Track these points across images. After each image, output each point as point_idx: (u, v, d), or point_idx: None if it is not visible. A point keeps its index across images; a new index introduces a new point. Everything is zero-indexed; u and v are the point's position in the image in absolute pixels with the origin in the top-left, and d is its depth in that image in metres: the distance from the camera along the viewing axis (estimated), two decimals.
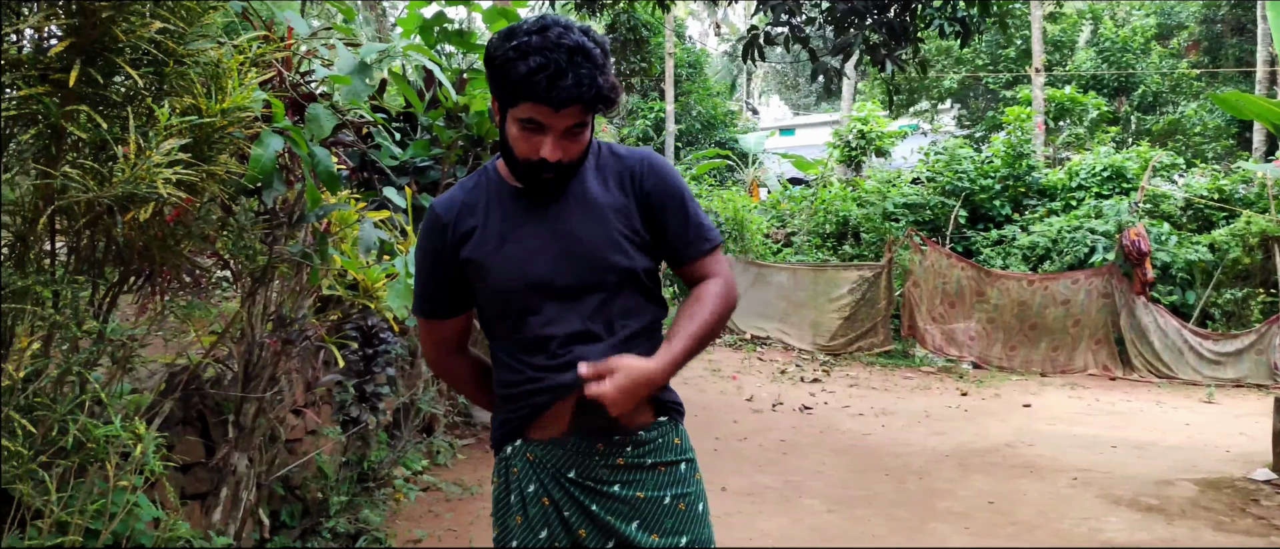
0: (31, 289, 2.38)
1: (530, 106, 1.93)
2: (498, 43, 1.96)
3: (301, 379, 4.10)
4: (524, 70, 1.90)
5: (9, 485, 2.42)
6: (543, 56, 1.89)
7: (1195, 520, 5.55)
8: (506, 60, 1.92)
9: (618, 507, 2.07)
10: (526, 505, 2.10)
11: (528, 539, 2.08)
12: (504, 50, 1.93)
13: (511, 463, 2.14)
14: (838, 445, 7.53)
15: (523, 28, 1.94)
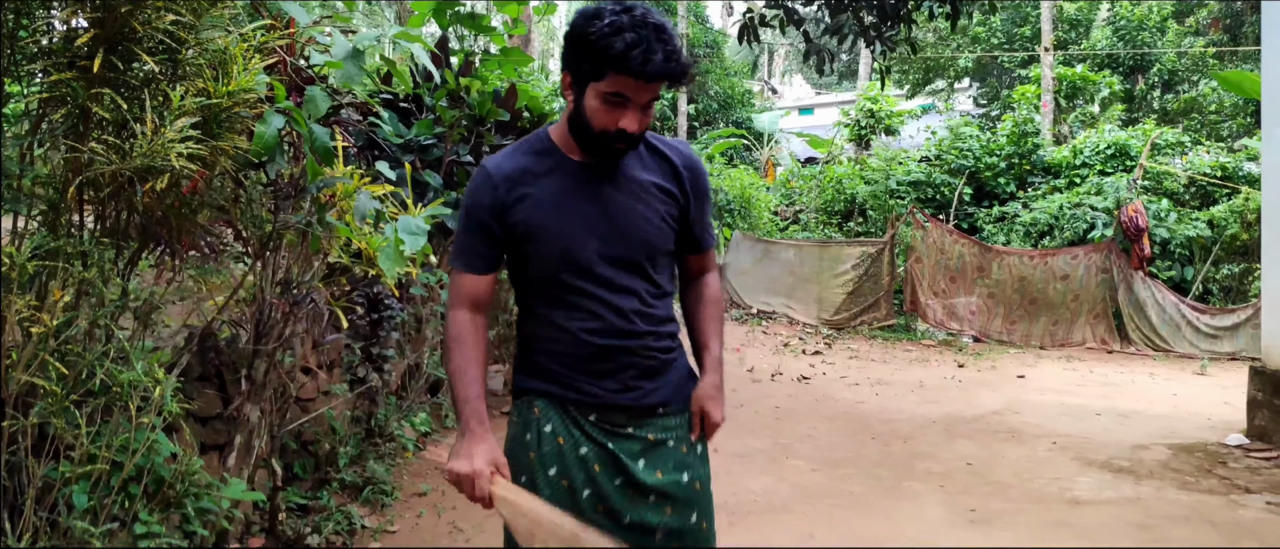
0: (62, 249, 2.72)
1: (619, 80, 2.08)
2: (586, 20, 2.10)
3: (310, 339, 4.44)
4: (620, 47, 2.04)
5: (45, 420, 2.77)
6: (635, 33, 2.05)
7: (1162, 481, 5.81)
8: (601, 35, 2.06)
9: (629, 446, 2.28)
10: (542, 443, 2.28)
11: (539, 475, 2.27)
12: (598, 27, 2.07)
13: (534, 403, 2.31)
14: (830, 413, 7.83)
15: (608, 8, 2.09)
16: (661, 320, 2.32)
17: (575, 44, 2.12)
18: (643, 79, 2.07)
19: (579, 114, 2.17)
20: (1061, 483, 5.77)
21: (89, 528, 2.81)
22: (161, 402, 2.99)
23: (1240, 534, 4.83)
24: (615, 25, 2.05)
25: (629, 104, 2.12)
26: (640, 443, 2.30)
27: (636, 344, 2.27)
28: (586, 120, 2.16)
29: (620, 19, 2.06)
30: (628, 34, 2.05)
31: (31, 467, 2.79)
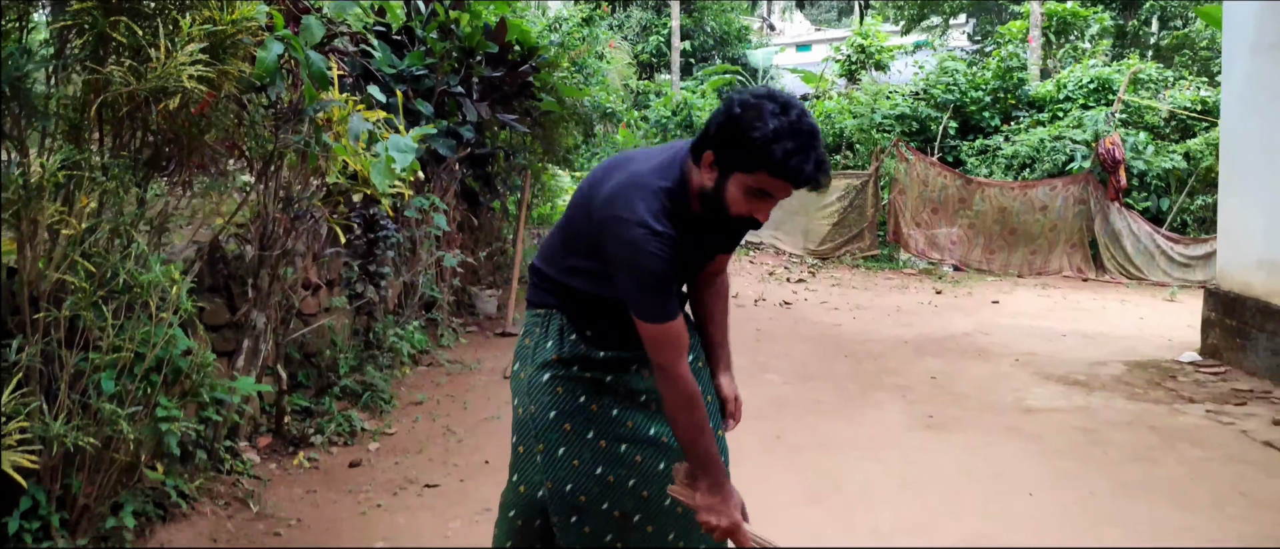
0: (87, 161, 3.04)
1: (771, 181, 2.14)
2: (748, 118, 2.12)
3: (310, 253, 4.78)
4: (779, 155, 2.09)
5: (75, 314, 3.12)
6: (794, 142, 2.10)
7: (1113, 392, 6.19)
8: (764, 140, 2.10)
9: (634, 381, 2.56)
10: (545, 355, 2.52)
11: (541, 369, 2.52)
12: (761, 132, 2.10)
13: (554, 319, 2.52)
14: (808, 335, 8.20)
15: (769, 107, 2.13)
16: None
17: (732, 137, 2.16)
18: (796, 185, 2.16)
19: (718, 194, 2.23)
20: (1017, 394, 6.15)
21: (116, 410, 3.17)
22: (178, 300, 3.34)
23: (1176, 438, 5.21)
24: (778, 132, 2.09)
25: (771, 200, 2.22)
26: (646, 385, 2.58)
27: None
28: (724, 203, 2.23)
29: (782, 124, 2.10)
30: (788, 142, 2.10)
31: (64, 356, 3.14)
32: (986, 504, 4.21)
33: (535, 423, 2.50)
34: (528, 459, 2.52)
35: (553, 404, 2.49)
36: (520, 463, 2.55)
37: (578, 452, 2.49)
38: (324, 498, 4.27)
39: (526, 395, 2.53)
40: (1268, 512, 4.13)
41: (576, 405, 2.50)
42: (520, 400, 2.56)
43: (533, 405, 2.51)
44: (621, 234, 2.22)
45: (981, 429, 5.37)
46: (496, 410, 5.67)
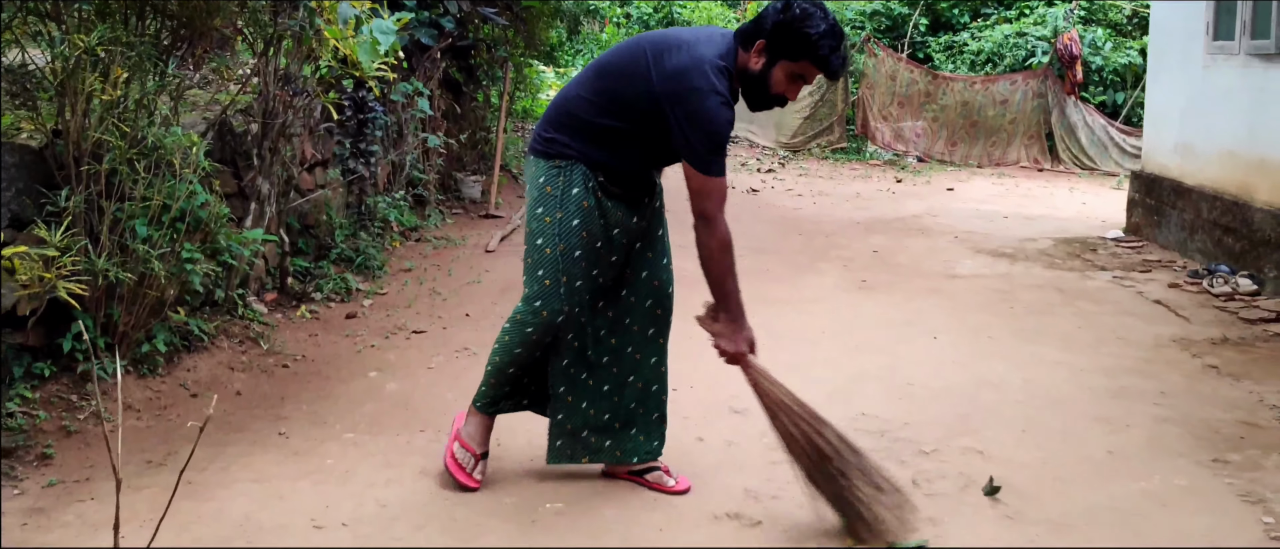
0: (119, 37, 3.61)
1: (811, 69, 2.77)
2: (804, 19, 2.70)
3: (307, 130, 5.36)
4: (826, 50, 2.71)
5: (112, 169, 3.72)
6: (835, 41, 2.72)
7: (1034, 263, 6.85)
8: (817, 36, 2.69)
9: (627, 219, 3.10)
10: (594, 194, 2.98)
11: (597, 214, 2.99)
12: (814, 28, 2.69)
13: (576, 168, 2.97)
14: (769, 217, 8.83)
15: (816, 12, 2.71)
16: None
17: (786, 32, 2.72)
18: (828, 74, 2.82)
19: (763, 76, 2.79)
20: (948, 264, 6.81)
21: (149, 251, 3.79)
22: (197, 160, 3.94)
23: (1078, 297, 5.88)
24: (824, 32, 2.70)
25: (803, 83, 2.84)
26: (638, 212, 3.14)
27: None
28: (767, 83, 2.80)
29: (826, 26, 2.71)
30: (830, 41, 2.72)
31: (104, 205, 3.75)
32: (894, 345, 4.89)
33: (564, 259, 2.98)
34: (553, 290, 3.00)
35: (579, 244, 2.99)
36: (545, 292, 3.00)
37: (591, 286, 3.05)
38: (324, 340, 4.93)
39: (557, 235, 2.97)
40: (1136, 350, 4.81)
41: (593, 247, 3.02)
42: (546, 239, 2.99)
43: (562, 243, 2.98)
44: (701, 102, 2.70)
45: (907, 291, 6.03)
46: (477, 276, 6.32)
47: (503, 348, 3.13)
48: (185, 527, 2.91)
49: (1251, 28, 6.18)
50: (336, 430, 3.79)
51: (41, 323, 3.76)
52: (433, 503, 3.15)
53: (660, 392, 3.25)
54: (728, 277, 2.91)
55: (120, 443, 3.59)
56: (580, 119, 2.98)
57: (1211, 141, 6.72)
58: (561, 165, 3.00)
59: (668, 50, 2.81)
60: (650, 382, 3.22)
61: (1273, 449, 3.55)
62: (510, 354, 3.11)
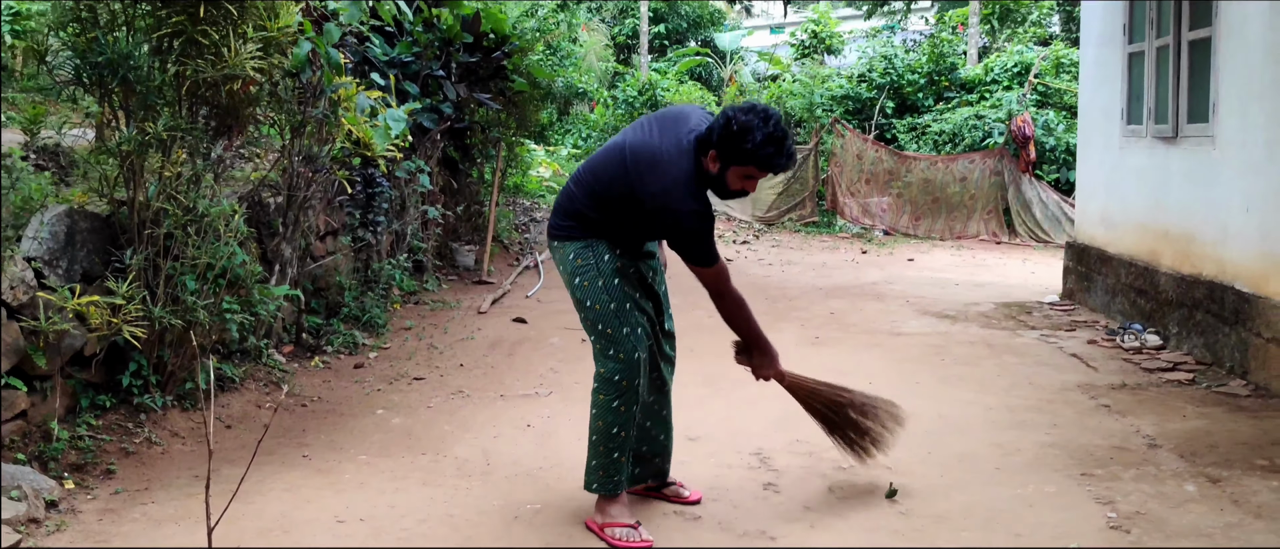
0: (181, 126, 4.39)
1: (758, 171, 3.28)
2: (743, 132, 3.17)
3: (325, 202, 6.13)
4: (766, 156, 3.20)
5: (169, 232, 4.47)
6: (775, 148, 3.20)
7: (971, 322, 7.59)
8: (756, 147, 3.17)
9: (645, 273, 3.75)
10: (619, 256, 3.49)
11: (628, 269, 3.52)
12: (753, 142, 3.17)
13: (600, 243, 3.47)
14: (740, 283, 9.47)
15: (757, 124, 3.18)
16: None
17: (729, 145, 3.22)
18: (774, 172, 3.35)
19: (721, 178, 3.33)
20: (894, 324, 7.55)
21: (196, 302, 4.53)
22: (236, 227, 4.70)
23: (1004, 351, 6.61)
24: (764, 140, 3.18)
25: (757, 178, 3.37)
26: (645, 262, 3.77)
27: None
28: (725, 183, 3.34)
29: (765, 134, 3.19)
30: (769, 147, 3.20)
31: (160, 263, 4.50)
32: None
33: (618, 310, 3.45)
34: (615, 338, 3.45)
35: (626, 296, 3.47)
36: (616, 340, 3.44)
37: (648, 328, 3.63)
38: (336, 385, 5.64)
39: (604, 290, 3.45)
40: (1042, 392, 5.52)
41: (635, 296, 3.52)
42: (594, 298, 3.45)
43: (611, 300, 3.45)
44: (685, 221, 3.30)
45: (853, 345, 6.77)
46: (470, 333, 7.04)
47: (600, 413, 3.53)
48: (234, 521, 3.58)
49: (1155, 114, 7.02)
50: (351, 454, 4.49)
51: (103, 363, 4.49)
52: (433, 506, 3.85)
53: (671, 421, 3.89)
54: (748, 325, 3.66)
55: (173, 463, 4.30)
56: (586, 216, 3.48)
57: (1127, 214, 7.53)
58: (586, 243, 3.49)
59: (646, 168, 3.31)
60: (670, 414, 3.87)
61: (1133, 466, 4.26)
62: (609, 413, 3.51)
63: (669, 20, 26.70)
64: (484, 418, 5.07)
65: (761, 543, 3.49)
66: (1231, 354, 5.80)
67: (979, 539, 3.50)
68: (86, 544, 3.50)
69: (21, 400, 4.05)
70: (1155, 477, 4.12)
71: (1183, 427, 4.85)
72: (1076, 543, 3.45)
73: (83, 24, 4.30)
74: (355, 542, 3.52)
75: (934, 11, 28.52)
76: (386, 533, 3.59)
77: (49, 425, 4.15)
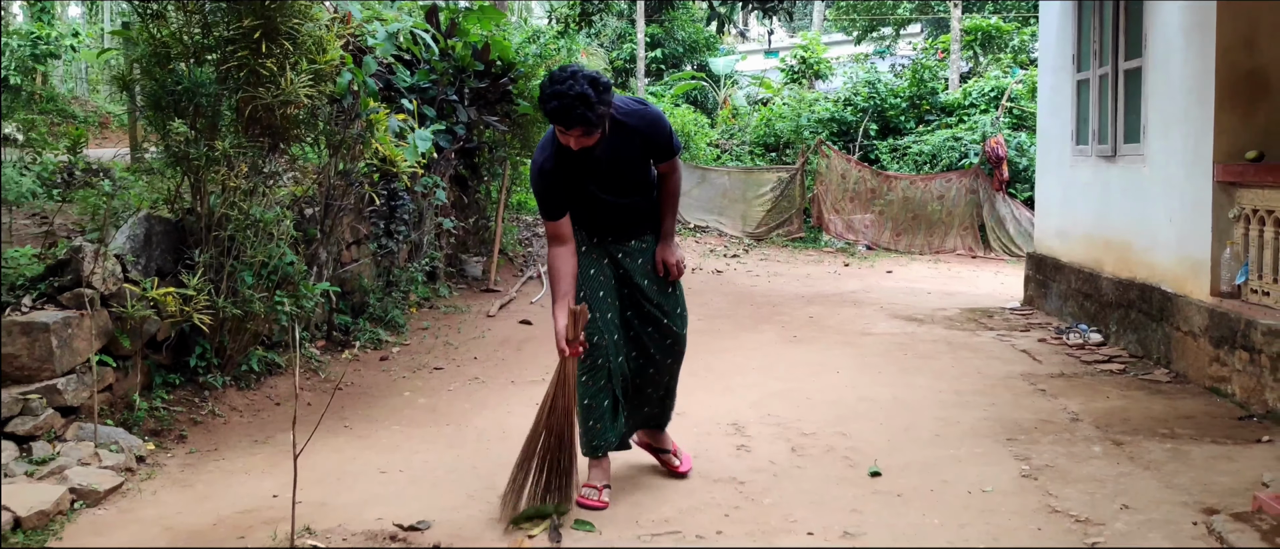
0: (243, 144, 5.16)
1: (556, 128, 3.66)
2: (540, 86, 3.62)
3: (355, 212, 6.89)
4: (549, 105, 3.53)
5: (231, 235, 5.23)
6: (552, 97, 3.53)
7: (936, 325, 8.35)
8: (543, 98, 3.56)
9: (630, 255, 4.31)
10: (585, 253, 4.02)
11: (587, 266, 4.02)
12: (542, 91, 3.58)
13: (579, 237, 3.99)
14: (728, 291, 10.36)
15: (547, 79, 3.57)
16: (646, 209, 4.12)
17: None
18: (561, 126, 3.61)
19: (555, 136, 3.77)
20: (866, 326, 8.31)
21: (252, 295, 5.28)
22: (287, 231, 5.47)
23: (961, 348, 7.36)
24: (548, 94, 3.55)
25: (569, 136, 3.65)
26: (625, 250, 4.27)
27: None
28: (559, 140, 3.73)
29: (551, 87, 3.55)
30: (551, 100, 3.54)
31: (223, 260, 5.26)
32: (805, 377, 6.36)
33: (586, 299, 4.00)
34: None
35: (590, 285, 4.01)
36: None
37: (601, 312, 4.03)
38: (365, 374, 6.39)
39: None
40: (987, 380, 6.27)
41: (596, 283, 4.03)
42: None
43: (581, 290, 3.98)
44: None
45: (826, 343, 7.53)
46: (481, 333, 7.80)
47: (578, 387, 3.96)
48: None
49: (1098, 135, 7.81)
50: (385, 425, 5.25)
51: (173, 347, 5.25)
52: (459, 460, 4.60)
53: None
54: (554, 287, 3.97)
55: (233, 432, 5.05)
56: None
57: (1077, 226, 8.30)
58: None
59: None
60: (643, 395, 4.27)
61: (1053, 434, 5.01)
62: (580, 386, 3.96)
63: (665, 45, 27.53)
64: (497, 399, 5.82)
65: (732, 486, 4.23)
66: (1157, 347, 6.57)
67: (913, 484, 4.24)
68: (174, 489, 4.24)
69: (109, 375, 4.80)
70: (1069, 441, 4.87)
71: (1104, 405, 5.60)
72: (991, 487, 4.19)
73: (159, 58, 5.09)
74: (397, 487, 4.26)
75: (923, 37, 29.52)
76: (422, 480, 4.34)
77: (131, 397, 4.91)
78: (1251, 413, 5.31)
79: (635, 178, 4.00)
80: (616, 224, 4.05)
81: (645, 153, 3.98)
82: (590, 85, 3.58)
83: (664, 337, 4.17)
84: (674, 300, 4.21)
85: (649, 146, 3.96)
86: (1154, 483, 4.24)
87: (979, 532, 3.69)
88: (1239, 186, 5.84)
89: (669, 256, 4.11)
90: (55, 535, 3.65)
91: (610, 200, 3.98)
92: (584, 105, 3.55)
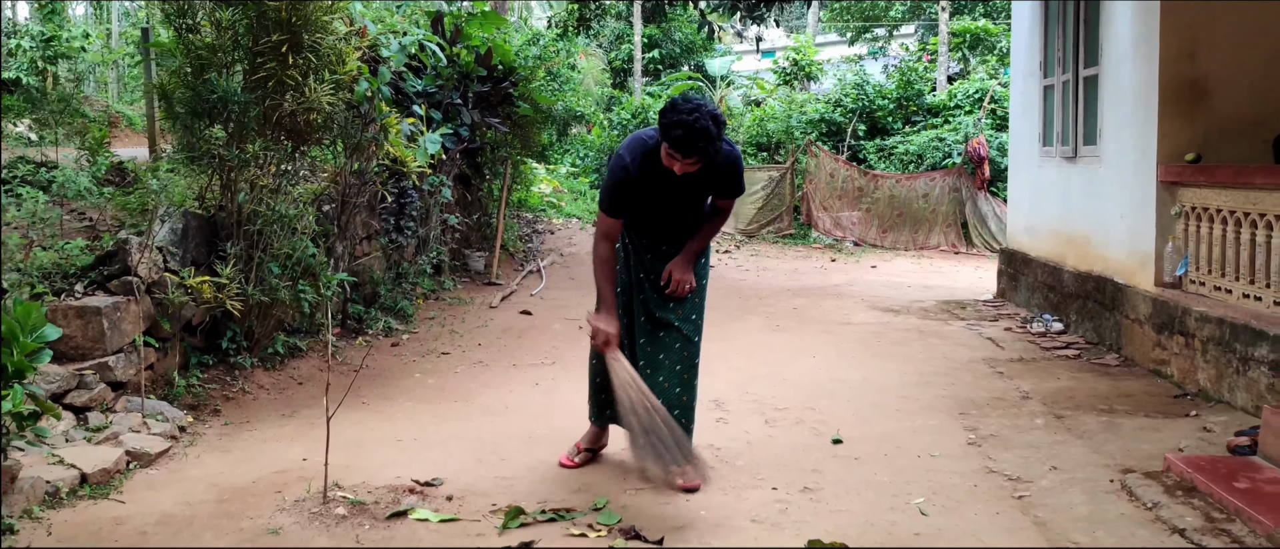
0: (267, 144, 5.69)
1: (668, 145, 3.79)
2: (666, 108, 3.77)
3: (368, 209, 7.43)
4: (675, 134, 3.71)
5: (259, 229, 5.76)
6: (681, 128, 3.70)
7: (910, 315, 8.89)
8: (667, 123, 3.74)
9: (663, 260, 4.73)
10: (629, 246, 4.35)
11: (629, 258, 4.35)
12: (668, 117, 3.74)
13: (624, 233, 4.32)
14: (718, 285, 10.85)
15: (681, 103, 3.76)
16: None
17: (660, 120, 3.81)
18: (678, 153, 3.78)
19: (656, 153, 3.95)
20: (845, 316, 8.85)
21: (278, 284, 5.82)
22: (308, 225, 6.01)
23: (931, 335, 7.90)
24: (675, 122, 3.73)
25: (676, 161, 3.85)
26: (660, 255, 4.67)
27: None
28: (660, 158, 3.91)
29: (679, 116, 3.73)
30: (678, 130, 3.73)
31: (252, 253, 5.80)
32: (784, 361, 6.90)
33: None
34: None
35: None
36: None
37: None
38: (378, 358, 6.93)
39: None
40: (951, 364, 6.80)
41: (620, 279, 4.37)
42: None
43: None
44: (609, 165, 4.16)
45: (806, 332, 8.07)
46: (485, 322, 8.34)
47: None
48: (320, 442, 4.86)
49: (1061, 137, 8.35)
50: (399, 402, 5.79)
51: (206, 332, 5.79)
52: (468, 431, 5.14)
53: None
54: (596, 280, 4.21)
55: (261, 407, 5.59)
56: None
57: (1044, 222, 8.85)
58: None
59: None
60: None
61: (1002, 409, 5.55)
62: (589, 361, 4.49)
63: (662, 46, 28.08)
64: (501, 379, 6.36)
65: (709, 452, 4.76)
66: (1110, 333, 7.11)
67: (870, 450, 4.78)
68: (215, 454, 4.78)
69: (151, 355, 5.34)
70: (1015, 415, 5.42)
71: (1054, 385, 6.14)
72: (939, 453, 4.73)
73: (195, 69, 5.63)
74: (412, 453, 4.80)
75: (916, 38, 30.06)
76: (434, 447, 4.88)
77: (171, 375, 5.45)
78: (1186, 391, 5.86)
79: (699, 203, 4.29)
80: (664, 235, 4.32)
81: (717, 187, 4.23)
82: (713, 122, 3.77)
83: (674, 338, 4.33)
84: (691, 307, 4.39)
85: (724, 184, 4.20)
86: (1084, 449, 4.78)
87: (921, 487, 4.23)
88: (1180, 186, 6.39)
89: (678, 269, 4.24)
90: (116, 490, 4.19)
91: (670, 216, 4.27)
92: (706, 140, 3.75)
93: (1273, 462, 4.22)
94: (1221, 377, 5.55)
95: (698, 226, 4.33)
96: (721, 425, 5.24)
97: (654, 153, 4.00)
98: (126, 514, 3.92)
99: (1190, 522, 3.74)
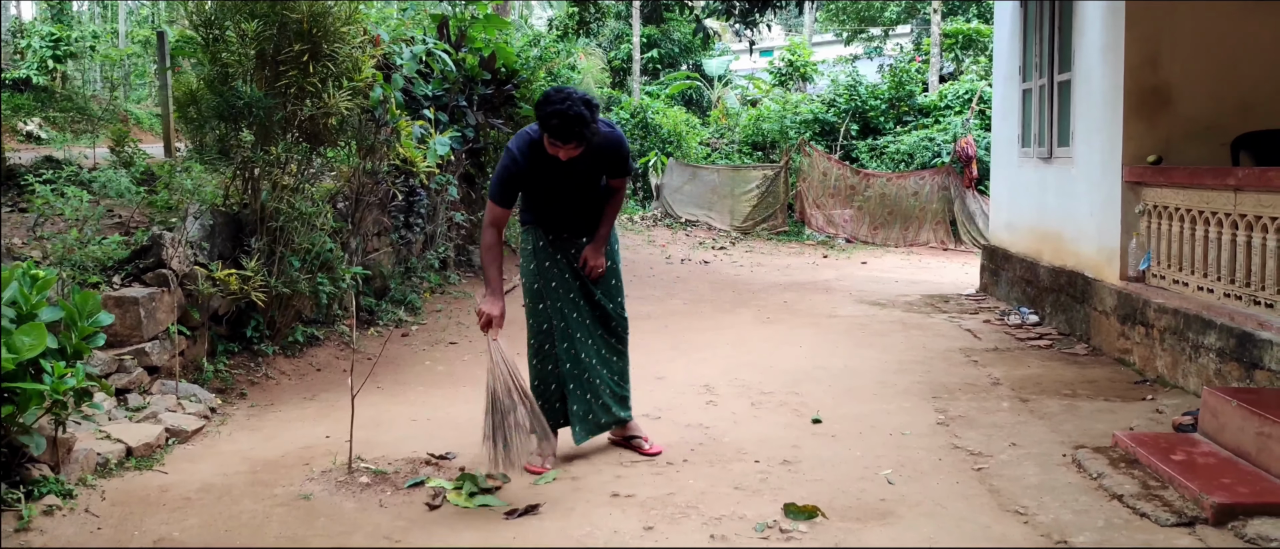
0: (289, 146, 6.11)
1: (548, 133, 4.10)
2: (541, 99, 4.09)
3: (379, 206, 7.85)
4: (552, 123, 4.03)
5: (281, 226, 6.18)
6: (556, 116, 4.02)
7: (895, 308, 9.31)
8: (543, 113, 4.05)
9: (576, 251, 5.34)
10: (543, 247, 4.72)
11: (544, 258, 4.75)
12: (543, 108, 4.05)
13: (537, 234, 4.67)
14: (712, 280, 11.32)
15: (554, 93, 4.06)
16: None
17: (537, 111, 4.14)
18: (557, 140, 4.10)
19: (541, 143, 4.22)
20: (833, 309, 9.28)
21: (299, 276, 6.24)
22: (326, 222, 6.43)
23: (912, 327, 8.32)
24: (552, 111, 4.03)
25: (559, 148, 4.16)
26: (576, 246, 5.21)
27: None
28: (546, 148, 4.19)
29: (555, 104, 4.04)
30: (554, 120, 4.05)
31: (274, 247, 6.22)
32: (771, 350, 7.32)
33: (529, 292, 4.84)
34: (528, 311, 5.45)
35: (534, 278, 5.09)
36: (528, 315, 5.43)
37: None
38: (390, 348, 7.35)
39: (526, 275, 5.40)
40: (929, 353, 7.22)
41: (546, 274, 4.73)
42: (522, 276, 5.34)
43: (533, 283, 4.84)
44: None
45: (794, 323, 8.49)
46: None
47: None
48: (341, 421, 5.28)
49: (1038, 138, 8.77)
50: (412, 386, 6.21)
51: (231, 321, 6.21)
52: (476, 413, 5.51)
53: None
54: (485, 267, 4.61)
55: (283, 392, 6.01)
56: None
57: (1022, 219, 9.27)
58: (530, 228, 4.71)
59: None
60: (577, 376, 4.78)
61: (972, 393, 5.97)
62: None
63: (661, 46, 28.50)
64: None
65: (699, 430, 5.19)
66: (1080, 325, 7.54)
67: (846, 429, 5.20)
68: (245, 432, 5.21)
69: (182, 342, 5.76)
70: (984, 399, 5.84)
71: (1024, 373, 6.57)
72: (909, 431, 5.16)
73: (222, 77, 6.05)
74: (426, 431, 5.22)
75: (911, 38, 30.47)
76: (445, 425, 5.30)
77: (200, 361, 5.87)
78: (1145, 378, 6.29)
79: (593, 186, 4.59)
80: (570, 223, 4.62)
81: (606, 168, 4.56)
82: (586, 107, 4.11)
83: (609, 318, 4.75)
84: (614, 290, 4.77)
85: (611, 164, 4.54)
86: (1043, 428, 5.20)
87: (890, 460, 4.66)
88: (1143, 186, 6.81)
89: (591, 255, 4.60)
90: (158, 462, 4.61)
91: (570, 202, 4.56)
92: (581, 124, 4.09)
93: (1209, 437, 4.65)
94: (1176, 363, 5.98)
95: (600, 210, 4.64)
96: (711, 407, 5.66)
97: (539, 144, 4.28)
98: (170, 483, 4.34)
99: (1128, 489, 4.16)
